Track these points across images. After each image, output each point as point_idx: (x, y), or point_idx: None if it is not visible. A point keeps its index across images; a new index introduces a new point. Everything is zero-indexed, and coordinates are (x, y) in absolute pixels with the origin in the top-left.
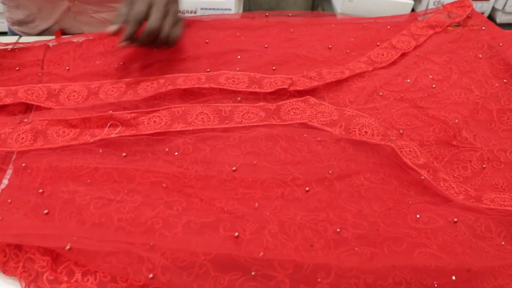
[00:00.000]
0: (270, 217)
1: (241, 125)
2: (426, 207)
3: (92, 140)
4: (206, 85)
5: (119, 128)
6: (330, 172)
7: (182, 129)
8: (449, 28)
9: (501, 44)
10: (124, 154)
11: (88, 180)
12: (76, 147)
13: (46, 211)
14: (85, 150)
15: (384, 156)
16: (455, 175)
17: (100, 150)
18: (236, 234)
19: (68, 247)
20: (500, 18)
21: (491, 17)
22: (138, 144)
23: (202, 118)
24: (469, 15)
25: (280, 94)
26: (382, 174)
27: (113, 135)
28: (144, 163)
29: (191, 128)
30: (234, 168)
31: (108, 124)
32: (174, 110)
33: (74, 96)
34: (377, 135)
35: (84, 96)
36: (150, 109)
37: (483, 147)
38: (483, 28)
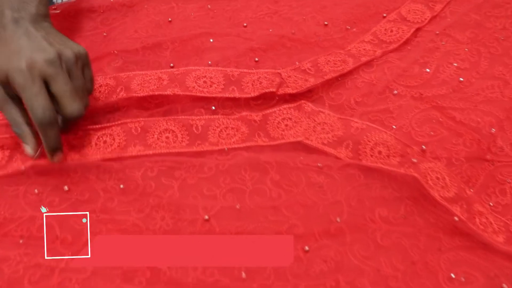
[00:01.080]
0: None
1: (217, 147)
2: (460, 257)
3: (23, 167)
4: (169, 91)
5: None
6: (338, 220)
7: (139, 153)
8: None
9: None
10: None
11: (21, 241)
12: (3, 185)
13: None
14: (16, 193)
15: (404, 184)
16: (492, 203)
17: (36, 190)
18: None
19: None
20: None
21: None
22: (85, 179)
23: (167, 138)
24: None
25: (266, 96)
26: (403, 211)
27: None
28: (95, 206)
29: (150, 152)
30: (207, 216)
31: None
32: (131, 127)
33: None
34: (394, 156)
35: None
36: (99, 126)
37: None
38: None
